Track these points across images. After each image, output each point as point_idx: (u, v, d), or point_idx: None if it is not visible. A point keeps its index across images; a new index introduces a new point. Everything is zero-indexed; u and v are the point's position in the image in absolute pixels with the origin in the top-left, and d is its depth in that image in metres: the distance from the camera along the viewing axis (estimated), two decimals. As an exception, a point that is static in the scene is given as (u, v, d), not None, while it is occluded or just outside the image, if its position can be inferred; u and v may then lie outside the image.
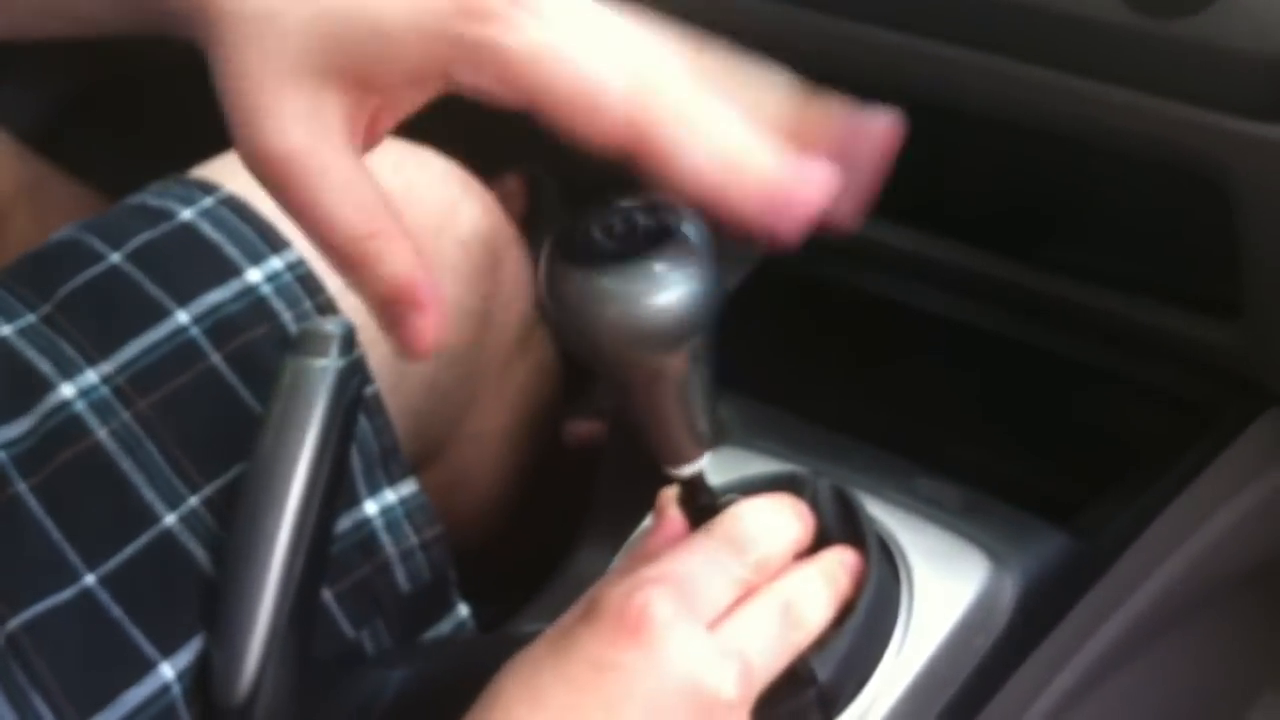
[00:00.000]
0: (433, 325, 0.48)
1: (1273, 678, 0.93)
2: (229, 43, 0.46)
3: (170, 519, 0.62)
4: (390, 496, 0.68)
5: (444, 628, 0.71)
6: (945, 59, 0.66)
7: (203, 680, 0.61)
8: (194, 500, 0.63)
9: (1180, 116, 0.60)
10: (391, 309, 0.48)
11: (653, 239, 0.48)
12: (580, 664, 0.53)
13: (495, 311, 0.77)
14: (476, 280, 0.75)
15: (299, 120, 0.46)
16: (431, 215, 0.73)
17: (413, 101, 0.48)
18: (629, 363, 0.50)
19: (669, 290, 0.48)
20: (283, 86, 0.46)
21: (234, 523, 0.62)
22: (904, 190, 0.80)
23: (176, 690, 0.60)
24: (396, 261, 0.48)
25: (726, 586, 0.56)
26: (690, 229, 0.49)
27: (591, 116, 0.46)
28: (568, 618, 0.57)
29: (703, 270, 0.49)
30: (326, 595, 0.65)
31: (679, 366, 0.51)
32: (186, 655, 0.61)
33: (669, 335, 0.49)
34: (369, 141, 0.48)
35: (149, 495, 0.62)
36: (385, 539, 0.67)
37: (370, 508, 0.67)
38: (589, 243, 0.49)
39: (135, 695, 0.60)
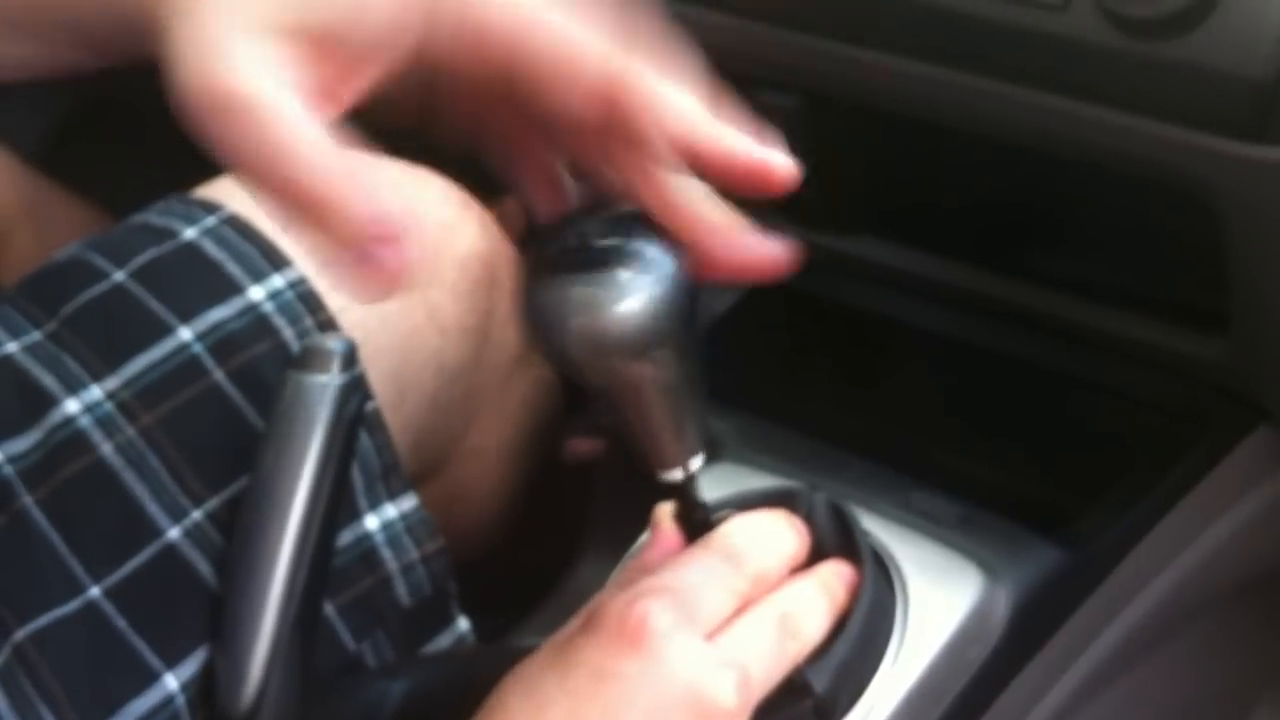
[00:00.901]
0: (400, 256, 0.44)
1: (1268, 689, 0.93)
2: (185, 9, 0.45)
3: (174, 532, 0.63)
4: (391, 511, 0.68)
5: (444, 641, 0.71)
6: (936, 80, 0.66)
7: (207, 691, 0.62)
8: (197, 514, 0.64)
9: (1168, 136, 0.61)
10: (359, 248, 0.44)
11: (618, 250, 0.49)
12: (581, 673, 0.54)
13: (494, 329, 0.77)
14: (475, 298, 0.75)
15: (251, 62, 0.44)
16: (430, 235, 0.74)
17: (372, 74, 0.46)
18: (600, 370, 0.51)
19: (631, 298, 0.49)
20: (237, 37, 0.44)
21: (237, 536, 0.63)
22: (897, 206, 0.82)
23: (180, 701, 0.61)
24: (362, 201, 0.44)
25: (725, 598, 0.57)
26: (656, 241, 0.50)
27: (571, 82, 0.46)
28: (568, 629, 0.58)
29: (666, 279, 0.49)
30: (328, 608, 0.66)
31: (654, 374, 0.51)
32: (191, 666, 0.62)
33: (634, 342, 0.50)
34: (326, 109, 0.46)
35: (153, 509, 0.63)
36: (386, 553, 0.68)
37: (371, 522, 0.68)
38: (557, 255, 0.50)
39: (140, 706, 0.60)
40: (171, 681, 0.61)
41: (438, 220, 0.75)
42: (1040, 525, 0.69)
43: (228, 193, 0.71)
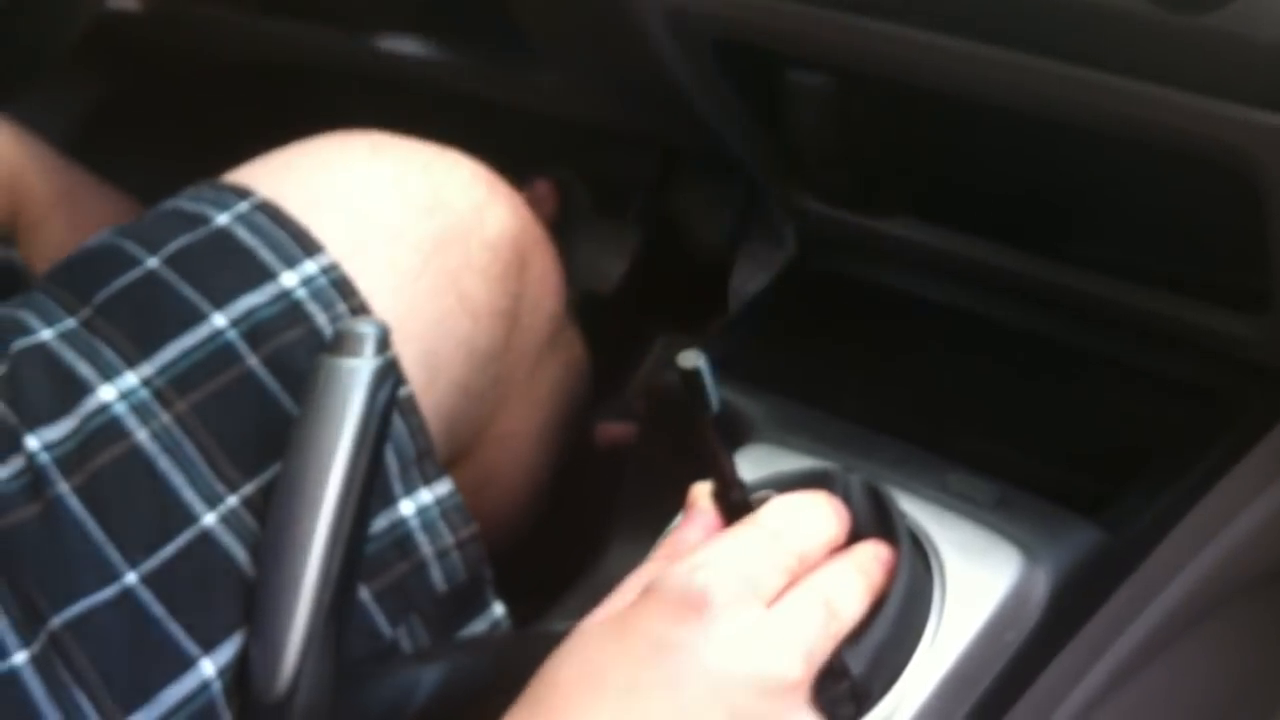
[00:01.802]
0: None
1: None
2: None
3: (210, 519, 0.63)
4: (426, 496, 0.68)
5: (479, 626, 0.71)
6: (970, 56, 0.66)
7: (243, 677, 0.62)
8: (233, 500, 0.64)
9: (1207, 110, 0.60)
10: None
11: None
12: (642, 643, 0.54)
13: (524, 313, 0.77)
14: (505, 282, 0.75)
15: None
16: (460, 218, 0.74)
17: None
18: None
19: None
20: None
21: (271, 522, 0.63)
22: (932, 187, 0.81)
23: (217, 687, 0.61)
24: None
25: (778, 574, 0.57)
26: None
27: None
28: (619, 602, 0.57)
29: None
30: (364, 594, 0.66)
31: None
32: (227, 651, 0.62)
33: None
34: None
35: (188, 495, 0.63)
36: (421, 538, 0.68)
37: (406, 507, 0.68)
38: None
39: (176, 691, 0.60)
40: (208, 667, 0.61)
41: (468, 203, 0.74)
42: (1078, 506, 0.69)
43: (258, 178, 0.71)
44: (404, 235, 0.71)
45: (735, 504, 0.60)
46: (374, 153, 0.74)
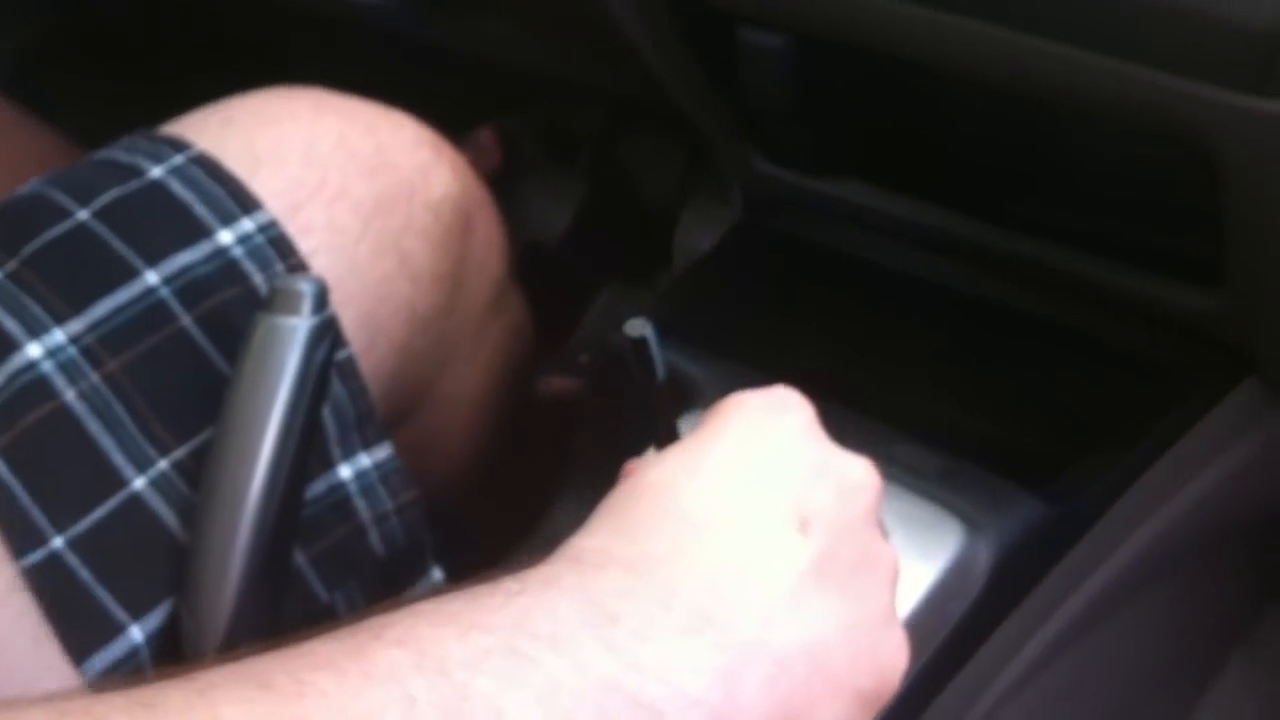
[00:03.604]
0: None
1: (1241, 637, 0.94)
2: None
3: (139, 482, 0.61)
4: (365, 460, 0.67)
5: (418, 592, 0.70)
6: (928, 22, 0.64)
7: (172, 642, 0.61)
8: (164, 463, 0.62)
9: (1168, 86, 0.59)
10: None
11: None
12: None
13: (467, 275, 0.76)
14: (448, 245, 0.74)
15: None
16: (404, 179, 0.72)
17: None
18: None
19: None
20: None
21: (203, 482, 0.61)
22: (884, 151, 0.80)
23: (145, 654, 0.60)
24: None
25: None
26: None
27: None
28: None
29: None
30: (300, 558, 0.65)
31: None
32: (157, 618, 0.60)
33: None
34: None
35: (118, 458, 0.61)
36: (360, 503, 0.67)
37: (345, 471, 0.66)
38: None
39: (104, 658, 0.59)
40: (137, 633, 0.60)
41: (412, 165, 0.73)
42: (1024, 477, 0.69)
43: (198, 131, 0.69)
44: (345, 195, 0.69)
45: None
46: (318, 110, 0.72)
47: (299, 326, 0.61)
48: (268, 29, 1.22)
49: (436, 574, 0.71)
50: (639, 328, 0.56)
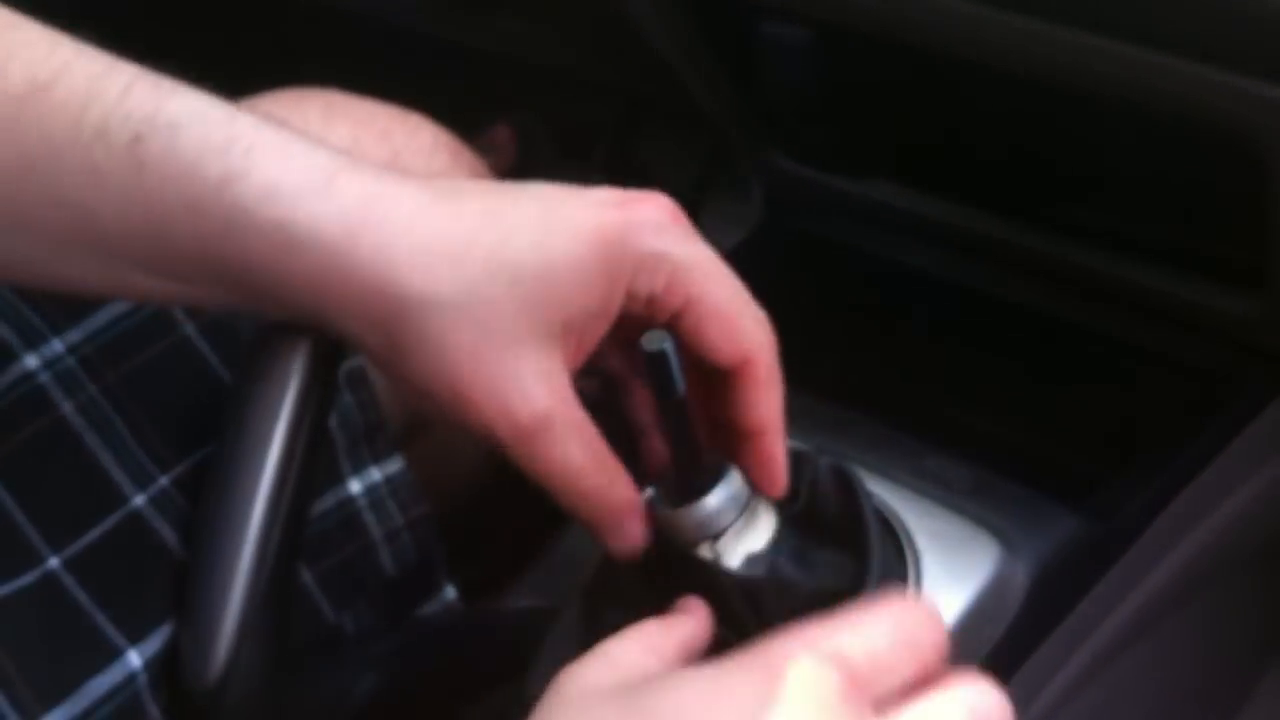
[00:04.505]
0: (641, 525, 0.53)
1: (1278, 653, 0.91)
2: (437, 328, 0.48)
3: (139, 500, 0.59)
4: (375, 474, 0.65)
5: (430, 609, 0.68)
6: (962, 14, 0.62)
7: (171, 667, 0.58)
8: (164, 480, 0.60)
9: (1211, 79, 0.57)
10: (610, 524, 0.52)
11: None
12: None
13: None
14: None
15: (539, 382, 0.48)
16: None
17: (599, 330, 0.50)
18: None
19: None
20: (514, 356, 0.48)
21: (204, 497, 0.59)
22: (916, 150, 0.78)
23: (143, 680, 0.58)
24: (621, 492, 0.52)
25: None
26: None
27: (733, 326, 0.51)
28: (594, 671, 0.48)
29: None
30: (306, 577, 0.63)
31: None
32: (155, 643, 0.58)
33: None
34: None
35: (117, 475, 0.59)
36: (370, 518, 0.65)
37: (354, 486, 0.64)
38: None
39: (100, 684, 0.57)
40: (134, 658, 0.58)
41: (428, 169, 0.71)
42: (1060, 492, 0.66)
43: None
44: None
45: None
46: (329, 115, 0.71)
47: (305, 335, 0.59)
48: (279, 25, 1.20)
49: (450, 592, 0.69)
50: (657, 340, 0.53)
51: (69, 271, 0.51)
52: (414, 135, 0.72)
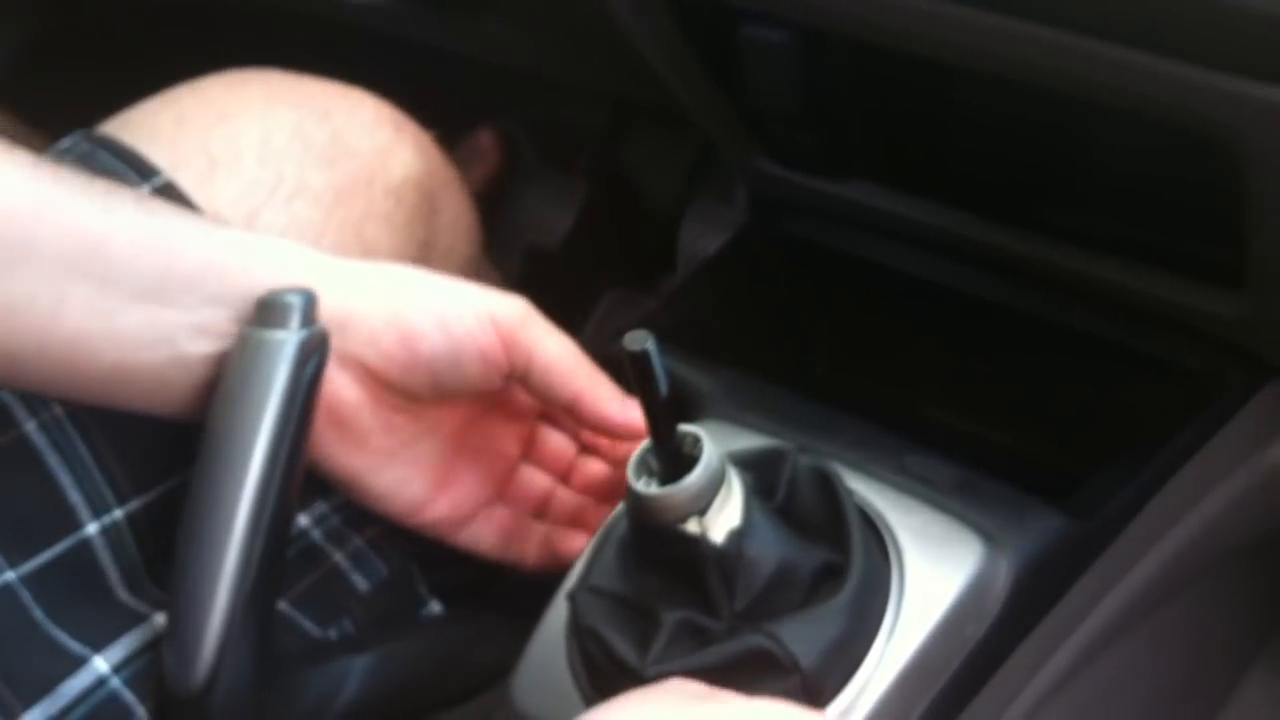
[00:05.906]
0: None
1: (1261, 650, 0.92)
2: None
3: (92, 528, 0.60)
4: (322, 506, 0.65)
5: (419, 623, 0.69)
6: (943, 15, 0.62)
7: (150, 669, 0.59)
8: (119, 513, 0.60)
9: (1191, 78, 0.57)
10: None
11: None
12: None
13: (434, 260, 0.73)
14: (411, 227, 0.72)
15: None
16: (363, 164, 0.70)
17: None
18: None
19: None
20: None
21: (189, 502, 0.59)
22: (898, 151, 0.78)
23: (116, 681, 0.58)
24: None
25: None
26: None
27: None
28: None
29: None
30: (282, 605, 0.63)
31: None
32: (119, 651, 0.59)
33: None
34: None
35: (74, 497, 0.59)
36: (328, 546, 0.65)
37: (303, 520, 0.64)
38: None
39: (72, 686, 0.57)
40: (101, 664, 0.58)
41: (371, 147, 0.71)
42: (1042, 489, 0.66)
43: (149, 130, 0.68)
44: (304, 190, 0.67)
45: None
46: (270, 99, 0.70)
47: (287, 340, 0.59)
48: (264, 31, 1.20)
49: (435, 606, 0.69)
50: (640, 340, 0.53)
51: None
52: (354, 112, 0.72)
